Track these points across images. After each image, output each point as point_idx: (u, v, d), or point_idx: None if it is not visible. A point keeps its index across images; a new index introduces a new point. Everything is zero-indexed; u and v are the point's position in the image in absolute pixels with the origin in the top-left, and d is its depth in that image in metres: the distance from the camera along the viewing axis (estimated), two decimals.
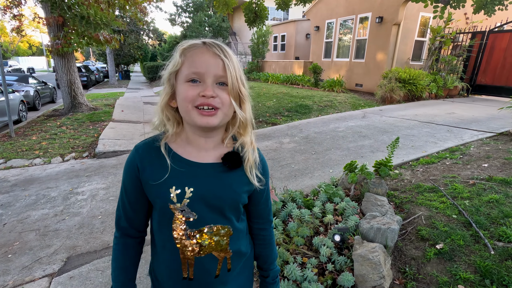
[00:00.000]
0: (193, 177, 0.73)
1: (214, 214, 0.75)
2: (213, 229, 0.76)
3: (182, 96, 0.70)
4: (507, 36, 8.42)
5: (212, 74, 0.68)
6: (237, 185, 0.77)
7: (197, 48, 0.70)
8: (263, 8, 7.08)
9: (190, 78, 0.69)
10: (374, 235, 2.06)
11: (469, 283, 1.70)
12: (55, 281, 2.04)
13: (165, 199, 0.72)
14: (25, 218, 2.85)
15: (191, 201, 0.72)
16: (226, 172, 0.75)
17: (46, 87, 11.50)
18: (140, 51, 23.55)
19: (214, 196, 0.74)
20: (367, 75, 10.25)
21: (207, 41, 0.71)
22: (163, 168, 0.72)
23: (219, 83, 0.69)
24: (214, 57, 0.69)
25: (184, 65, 0.70)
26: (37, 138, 5.48)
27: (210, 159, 0.76)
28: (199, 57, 0.69)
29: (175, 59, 0.71)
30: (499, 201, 2.38)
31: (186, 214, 0.73)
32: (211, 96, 0.67)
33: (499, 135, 4.63)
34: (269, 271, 0.94)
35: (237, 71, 0.71)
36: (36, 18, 8.63)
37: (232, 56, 0.71)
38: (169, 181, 0.72)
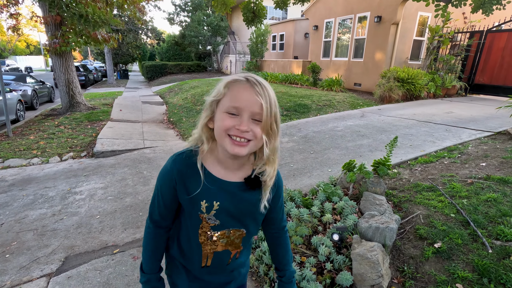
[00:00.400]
0: (220, 193, 0.85)
1: (234, 221, 0.90)
2: (230, 232, 0.91)
3: (219, 124, 0.78)
4: (504, 35, 8.45)
5: (249, 111, 0.75)
6: (256, 202, 0.89)
7: (241, 84, 0.77)
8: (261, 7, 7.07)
9: (229, 110, 0.76)
10: (373, 234, 2.06)
11: (467, 282, 1.71)
12: (53, 281, 2.03)
13: (197, 209, 0.86)
14: (23, 218, 2.84)
15: (217, 212, 0.86)
16: (247, 191, 0.87)
17: (44, 87, 11.46)
18: (138, 50, 23.49)
19: (235, 209, 0.88)
20: (366, 75, 10.26)
21: (250, 79, 0.77)
22: (196, 184, 0.83)
23: (255, 119, 0.76)
24: (254, 95, 0.75)
25: (226, 97, 0.78)
26: (35, 138, 5.46)
27: (235, 178, 0.87)
28: (241, 93, 0.76)
29: (219, 89, 0.79)
30: (497, 200, 2.39)
31: (212, 221, 0.88)
32: (245, 131, 0.75)
33: (497, 134, 4.64)
34: (285, 271, 1.05)
35: (273, 110, 0.77)
36: (34, 17, 8.58)
37: (271, 94, 0.78)
38: (201, 195, 0.84)
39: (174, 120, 7.48)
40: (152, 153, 4.76)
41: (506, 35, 8.41)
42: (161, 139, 5.75)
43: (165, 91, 13.41)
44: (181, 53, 24.29)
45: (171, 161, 0.87)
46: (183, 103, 9.30)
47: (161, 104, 10.45)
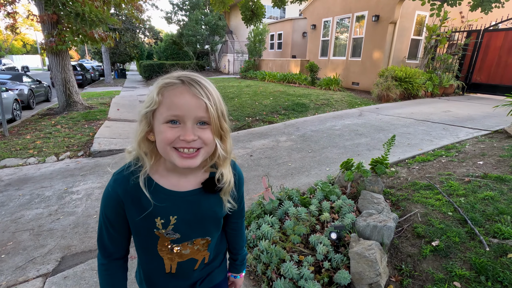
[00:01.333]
0: (175, 205, 0.76)
1: (196, 232, 0.82)
2: (193, 242, 0.84)
3: (160, 137, 0.68)
4: (501, 34, 8.48)
5: (192, 116, 0.66)
6: (217, 205, 0.83)
7: (175, 87, 0.67)
8: (260, 6, 7.06)
9: (169, 119, 0.66)
10: (371, 232, 2.06)
11: (465, 280, 1.71)
12: (49, 281, 2.01)
13: (151, 227, 0.76)
14: (19, 218, 2.81)
15: (175, 226, 0.77)
16: (205, 197, 0.80)
17: (41, 86, 11.38)
18: (136, 49, 23.39)
19: (196, 219, 0.79)
20: (364, 74, 10.28)
21: (185, 79, 0.67)
22: (147, 204, 0.74)
23: (200, 123, 0.68)
24: (194, 98, 0.66)
25: (162, 105, 0.67)
26: (31, 137, 5.42)
27: (190, 185, 0.78)
28: (178, 99, 0.66)
29: (152, 97, 0.68)
30: (494, 198, 2.40)
31: (171, 235, 0.79)
32: (192, 140, 0.66)
33: (494, 133, 4.66)
34: (238, 255, 1.04)
35: (219, 108, 0.69)
36: (30, 15, 8.52)
37: (213, 91, 0.69)
38: (154, 212, 0.74)
39: None
40: None
41: (503, 34, 8.45)
42: None
43: None
44: (179, 52, 24.22)
45: (113, 182, 0.76)
46: None
47: None
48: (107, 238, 0.80)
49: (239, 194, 0.92)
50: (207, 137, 0.69)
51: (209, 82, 0.70)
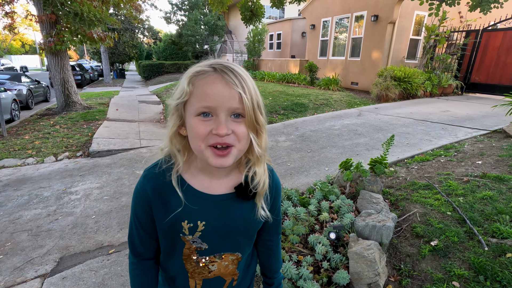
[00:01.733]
0: (205, 209, 0.70)
1: (225, 244, 0.75)
2: (222, 257, 0.76)
3: (193, 132, 0.63)
4: (500, 34, 8.50)
5: (226, 107, 0.60)
6: (249, 215, 0.74)
7: (207, 76, 0.61)
8: (259, 6, 7.05)
9: (201, 112, 0.61)
10: (369, 232, 2.06)
11: (464, 280, 1.71)
12: (48, 282, 2.01)
13: (177, 232, 0.71)
14: (17, 219, 2.80)
15: (203, 233, 0.71)
16: (238, 203, 0.73)
17: (40, 86, 11.36)
18: (135, 49, 23.36)
19: (226, 227, 0.72)
20: (363, 74, 10.28)
21: (217, 67, 0.61)
22: (176, 204, 0.69)
23: (235, 115, 0.62)
24: (228, 87, 0.59)
25: (193, 96, 0.62)
26: (30, 137, 5.41)
27: (222, 188, 0.72)
28: (210, 88, 0.60)
29: (182, 88, 0.63)
30: (493, 198, 2.40)
31: (197, 244, 0.73)
32: (226, 134, 0.60)
33: (493, 132, 4.67)
34: (273, 279, 0.94)
35: (254, 99, 0.62)
36: (29, 15, 8.50)
37: (248, 81, 0.62)
38: (181, 215, 0.69)
39: None
40: (148, 153, 4.73)
41: (501, 34, 8.47)
42: (158, 138, 5.72)
43: (162, 91, 13.35)
44: (178, 52, 24.20)
45: (143, 178, 0.72)
46: None
47: (158, 103, 10.40)
48: (137, 238, 0.77)
49: (276, 205, 0.82)
50: (241, 131, 0.62)
51: (244, 70, 0.64)
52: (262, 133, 0.68)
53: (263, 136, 0.68)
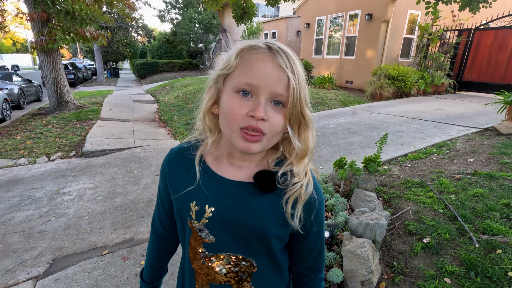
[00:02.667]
0: (217, 194, 0.63)
1: (235, 242, 0.65)
2: (231, 258, 0.66)
3: (227, 110, 0.57)
4: (492, 33, 8.61)
5: (269, 90, 0.54)
6: (266, 214, 0.62)
7: (259, 52, 0.56)
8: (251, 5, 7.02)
9: (241, 88, 0.55)
10: (363, 230, 2.08)
11: (455, 276, 1.74)
12: (40, 284, 1.99)
13: (185, 214, 0.66)
14: (9, 220, 2.77)
15: (210, 222, 0.63)
16: (257, 195, 0.62)
17: (31, 85, 11.20)
18: (129, 48, 23.15)
19: (235, 220, 0.63)
20: (357, 72, 10.34)
21: (273, 46, 0.56)
22: (189, 178, 0.65)
23: (275, 102, 0.56)
24: (278, 70, 0.54)
25: (238, 70, 0.56)
26: (21, 138, 5.33)
27: (241, 176, 0.64)
28: (259, 65, 0.54)
29: (229, 59, 0.58)
30: (484, 195, 2.44)
31: (204, 235, 0.65)
32: (261, 119, 0.54)
33: (484, 130, 4.74)
34: None
35: (302, 89, 0.56)
36: (20, 13, 8.36)
37: (300, 69, 0.57)
38: (191, 195, 0.64)
39: (165, 118, 7.41)
40: (143, 152, 4.70)
41: (493, 33, 8.57)
42: (152, 138, 5.69)
43: (156, 90, 13.26)
44: (173, 51, 24.05)
45: (168, 153, 0.73)
46: (174, 102, 9.22)
47: (152, 102, 10.34)
48: (157, 215, 0.79)
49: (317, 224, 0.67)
50: (277, 121, 0.56)
51: (297, 56, 0.59)
52: (308, 129, 0.61)
53: (309, 132, 0.61)
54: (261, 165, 0.66)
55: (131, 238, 2.50)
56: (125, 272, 2.08)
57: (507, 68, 8.40)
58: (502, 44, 8.39)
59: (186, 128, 6.18)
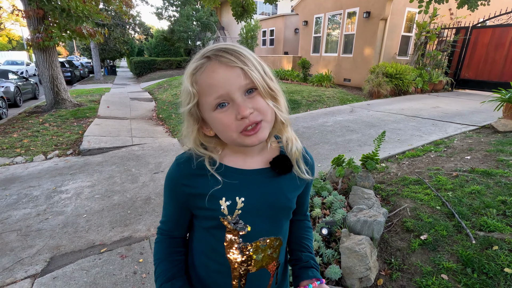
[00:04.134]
0: (242, 185, 0.67)
1: (266, 224, 0.70)
2: (266, 241, 0.70)
3: (220, 127, 0.62)
4: (489, 31, 8.63)
5: (236, 88, 0.58)
6: (288, 190, 0.72)
7: (204, 68, 0.59)
8: (251, 2, 7.00)
9: (216, 104, 0.59)
10: (361, 227, 2.09)
11: (452, 272, 1.75)
12: (38, 282, 1.98)
13: (216, 213, 0.67)
14: (6, 219, 2.75)
15: (243, 212, 0.67)
16: (276, 177, 0.70)
17: (28, 83, 11.11)
18: (126, 45, 23.03)
19: (266, 204, 0.68)
20: (355, 70, 10.34)
21: (210, 54, 0.59)
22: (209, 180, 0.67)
23: (248, 91, 0.60)
24: (228, 69, 0.58)
25: (202, 94, 0.60)
26: (18, 136, 5.30)
27: (256, 165, 0.70)
28: (213, 78, 0.58)
29: (188, 91, 0.61)
30: (481, 192, 2.45)
31: (239, 226, 0.67)
32: (250, 113, 0.59)
33: (481, 128, 4.76)
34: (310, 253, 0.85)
35: (260, 68, 0.61)
36: (15, 10, 8.28)
37: (245, 53, 0.60)
38: (218, 193, 0.66)
39: (163, 116, 7.38)
40: (140, 150, 4.68)
41: (490, 31, 8.60)
42: (150, 136, 5.67)
43: (154, 87, 13.21)
44: (170, 48, 23.93)
45: (175, 163, 0.72)
46: (172, 100, 9.18)
47: (150, 100, 10.29)
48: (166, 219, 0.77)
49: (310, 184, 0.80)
50: (261, 104, 0.60)
51: (238, 44, 0.62)
52: (279, 98, 0.66)
53: (281, 100, 0.66)
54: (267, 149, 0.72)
55: (129, 236, 2.49)
56: (123, 270, 2.07)
57: (504, 66, 8.44)
58: (499, 42, 8.42)
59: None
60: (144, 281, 1.97)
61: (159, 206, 2.96)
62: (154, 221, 2.70)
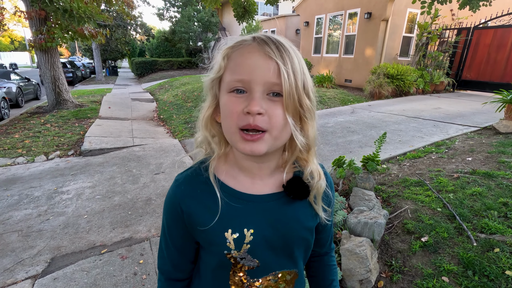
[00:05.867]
0: (251, 215, 0.58)
1: (280, 258, 0.61)
2: (278, 276, 0.62)
3: (226, 112, 0.54)
4: (491, 32, 8.61)
5: (260, 81, 0.50)
6: (305, 219, 0.62)
7: (244, 45, 0.53)
8: (252, 2, 7.00)
9: (234, 87, 0.52)
10: (362, 229, 2.08)
11: (453, 275, 1.74)
12: (38, 283, 1.98)
13: (221, 246, 0.58)
14: (7, 219, 2.76)
15: (252, 246, 0.58)
16: (290, 204, 0.60)
17: (29, 84, 11.16)
18: (127, 46, 23.09)
19: (278, 235, 0.59)
20: (356, 71, 10.33)
21: (257, 36, 0.54)
22: (213, 206, 0.58)
23: (273, 93, 0.51)
24: (265, 58, 0.50)
25: (227, 69, 0.54)
26: (20, 136, 5.32)
27: (267, 189, 0.61)
28: (245, 59, 0.52)
29: (217, 62, 0.55)
30: (482, 194, 2.44)
31: (247, 262, 0.59)
32: (258, 113, 0.50)
33: (483, 129, 4.74)
34: None
35: (299, 76, 0.52)
36: (18, 11, 8.31)
37: (292, 53, 0.53)
38: (223, 223, 0.57)
39: (164, 117, 7.39)
40: (141, 151, 4.69)
41: (492, 32, 8.58)
42: (151, 136, 5.68)
43: (155, 88, 13.23)
44: (172, 49, 23.98)
45: (174, 184, 0.63)
46: (173, 100, 9.20)
47: (151, 101, 10.31)
48: (167, 255, 0.66)
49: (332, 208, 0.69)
50: (276, 113, 0.51)
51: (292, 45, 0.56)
52: (308, 120, 0.56)
53: (310, 123, 0.56)
54: (279, 171, 0.62)
55: (129, 237, 2.50)
56: (123, 271, 2.08)
57: (505, 67, 8.41)
58: (501, 43, 8.40)
59: (185, 126, 6.17)
60: (144, 282, 1.97)
61: (159, 207, 2.96)
62: (154, 222, 2.71)
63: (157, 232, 2.56)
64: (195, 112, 0.64)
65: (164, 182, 3.51)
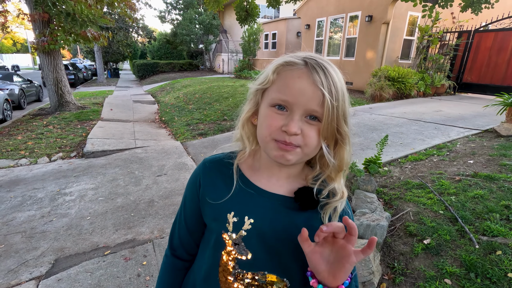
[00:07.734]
0: (256, 206, 0.62)
1: (271, 259, 0.62)
2: (266, 277, 0.62)
3: (263, 122, 0.58)
4: (491, 35, 8.63)
5: (303, 107, 0.54)
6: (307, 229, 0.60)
7: (295, 69, 0.56)
8: (255, 6, 7.06)
9: (276, 103, 0.57)
10: (364, 231, 2.09)
11: (455, 277, 1.75)
12: (43, 284, 2.00)
13: (221, 224, 0.63)
14: (11, 220, 2.78)
15: (248, 235, 0.61)
16: (297, 211, 0.62)
17: (32, 85, 11.22)
18: (129, 48, 23.19)
19: (275, 235, 0.61)
20: (357, 74, 10.36)
21: (309, 61, 0.55)
22: (226, 188, 0.64)
23: (311, 117, 0.56)
24: (312, 87, 0.53)
25: (274, 85, 0.58)
26: (22, 138, 5.34)
27: (281, 190, 0.64)
28: (293, 82, 0.55)
29: (267, 74, 0.59)
30: (484, 197, 2.45)
31: (240, 250, 0.62)
32: (294, 134, 0.54)
33: (484, 132, 4.75)
34: None
35: (340, 105, 0.55)
36: (21, 14, 8.38)
37: (338, 83, 0.56)
38: (229, 205, 0.63)
39: (166, 119, 7.42)
40: (143, 153, 4.71)
41: (492, 35, 8.60)
42: (153, 138, 5.70)
43: (156, 90, 13.28)
44: (173, 51, 24.09)
45: (201, 163, 0.71)
46: (175, 102, 9.23)
47: (153, 103, 10.35)
48: (177, 230, 0.74)
49: None
50: (311, 136, 0.56)
51: (338, 72, 0.59)
52: (344, 145, 0.60)
53: (345, 148, 0.60)
54: (300, 180, 0.65)
55: (132, 238, 2.51)
56: (127, 273, 2.09)
57: (506, 70, 8.42)
58: (502, 46, 8.42)
59: (186, 129, 6.19)
60: (147, 284, 1.98)
61: (162, 209, 2.98)
62: (157, 224, 2.72)
63: (160, 234, 2.57)
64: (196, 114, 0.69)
65: (167, 184, 3.53)
